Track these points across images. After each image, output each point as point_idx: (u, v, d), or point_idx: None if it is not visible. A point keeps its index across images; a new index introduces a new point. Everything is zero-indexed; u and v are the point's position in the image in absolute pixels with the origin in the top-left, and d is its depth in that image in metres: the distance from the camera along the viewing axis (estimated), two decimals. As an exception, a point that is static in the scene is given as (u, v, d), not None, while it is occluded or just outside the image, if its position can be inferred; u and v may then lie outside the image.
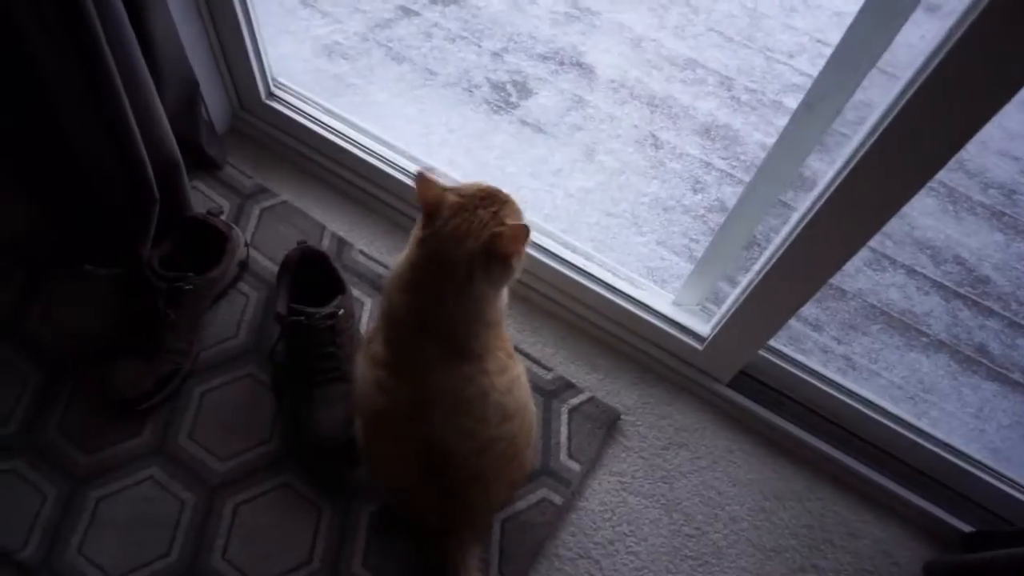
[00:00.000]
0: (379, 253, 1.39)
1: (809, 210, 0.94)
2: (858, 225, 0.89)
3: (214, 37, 1.35)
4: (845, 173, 0.85)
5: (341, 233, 1.40)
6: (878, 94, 0.85)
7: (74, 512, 1.11)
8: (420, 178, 0.87)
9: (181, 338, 1.19)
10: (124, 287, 1.26)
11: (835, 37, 0.86)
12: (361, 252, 1.38)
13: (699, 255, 1.61)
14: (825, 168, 1.64)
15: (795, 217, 0.99)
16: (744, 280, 1.15)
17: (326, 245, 1.38)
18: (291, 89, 1.48)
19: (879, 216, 0.87)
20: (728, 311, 1.18)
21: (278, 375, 1.22)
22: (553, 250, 1.37)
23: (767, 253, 1.07)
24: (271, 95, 1.45)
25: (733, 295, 1.19)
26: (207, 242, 1.26)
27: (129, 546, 1.09)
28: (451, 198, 0.88)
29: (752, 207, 1.11)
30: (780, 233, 1.04)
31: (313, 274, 1.23)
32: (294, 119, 1.43)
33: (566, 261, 1.36)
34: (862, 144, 0.82)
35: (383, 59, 1.84)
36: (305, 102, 1.47)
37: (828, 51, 0.87)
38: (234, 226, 1.29)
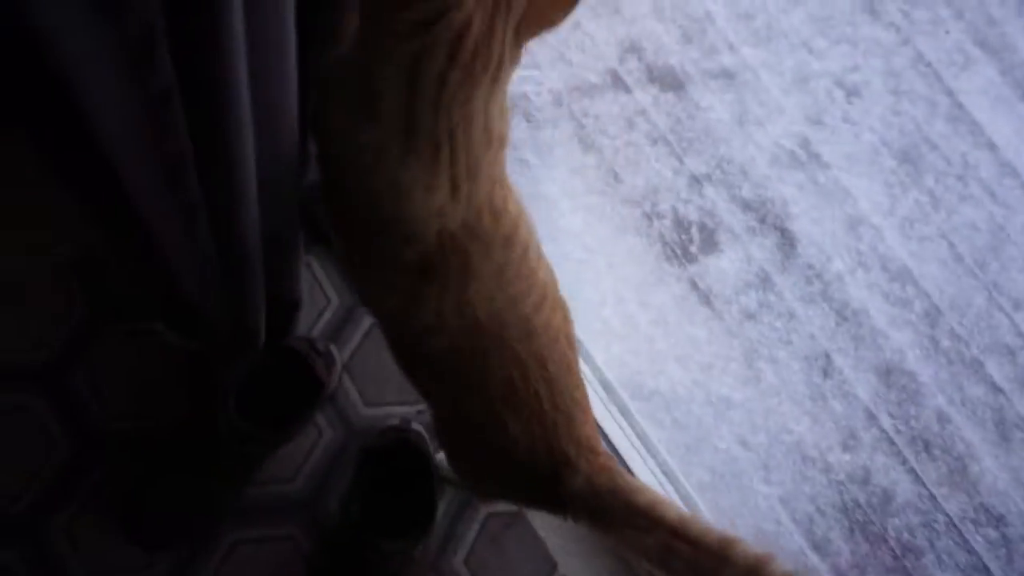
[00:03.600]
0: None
1: None
2: None
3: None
4: None
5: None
6: None
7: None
8: None
9: (232, 488, 1.01)
10: (198, 366, 1.07)
11: None
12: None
13: (819, 532, 1.38)
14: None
15: None
16: None
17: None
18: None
19: None
20: None
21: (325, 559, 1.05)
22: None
23: None
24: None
25: None
26: (298, 375, 1.04)
27: None
28: None
29: None
30: None
31: (401, 467, 1.03)
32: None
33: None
34: None
35: (570, 137, 1.53)
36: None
37: None
38: (335, 365, 1.07)
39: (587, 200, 1.50)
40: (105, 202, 0.64)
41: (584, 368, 1.22)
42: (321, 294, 1.18)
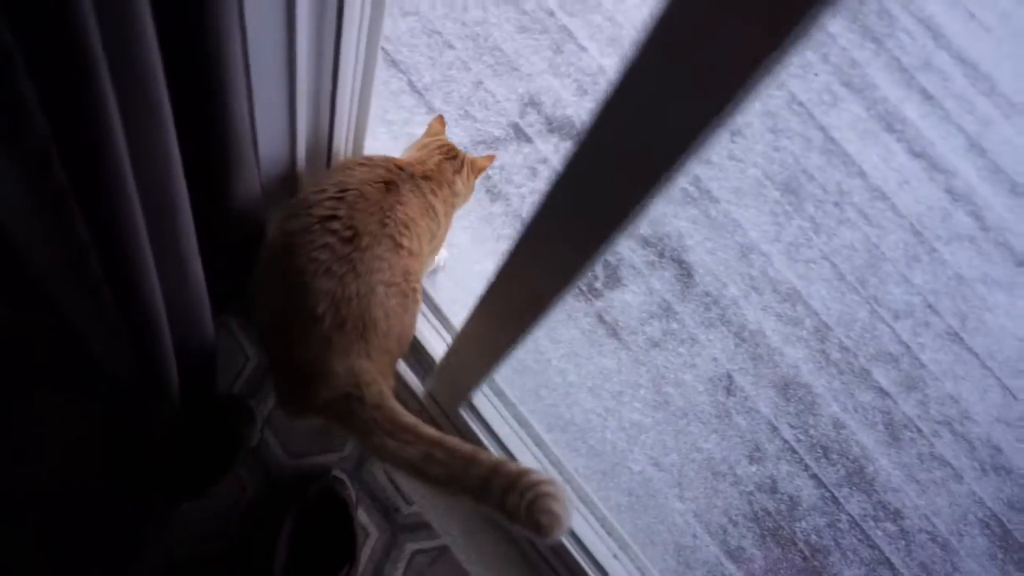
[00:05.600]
0: None
1: None
2: None
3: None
4: None
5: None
6: None
7: None
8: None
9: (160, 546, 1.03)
10: (116, 430, 1.09)
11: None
12: None
13: (733, 541, 1.47)
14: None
15: None
16: None
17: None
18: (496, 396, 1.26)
19: None
20: None
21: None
22: (583, 538, 1.22)
23: None
24: (470, 405, 1.21)
25: None
26: (218, 433, 1.08)
27: None
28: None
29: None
30: None
31: (323, 520, 1.07)
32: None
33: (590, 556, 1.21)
34: None
35: (477, 188, 1.63)
36: (503, 418, 1.24)
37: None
38: (255, 421, 1.11)
39: (497, 246, 1.59)
40: (14, 282, 0.69)
41: (498, 404, 1.30)
42: (240, 352, 1.23)
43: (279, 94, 0.92)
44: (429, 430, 0.84)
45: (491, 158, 1.24)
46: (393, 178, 0.98)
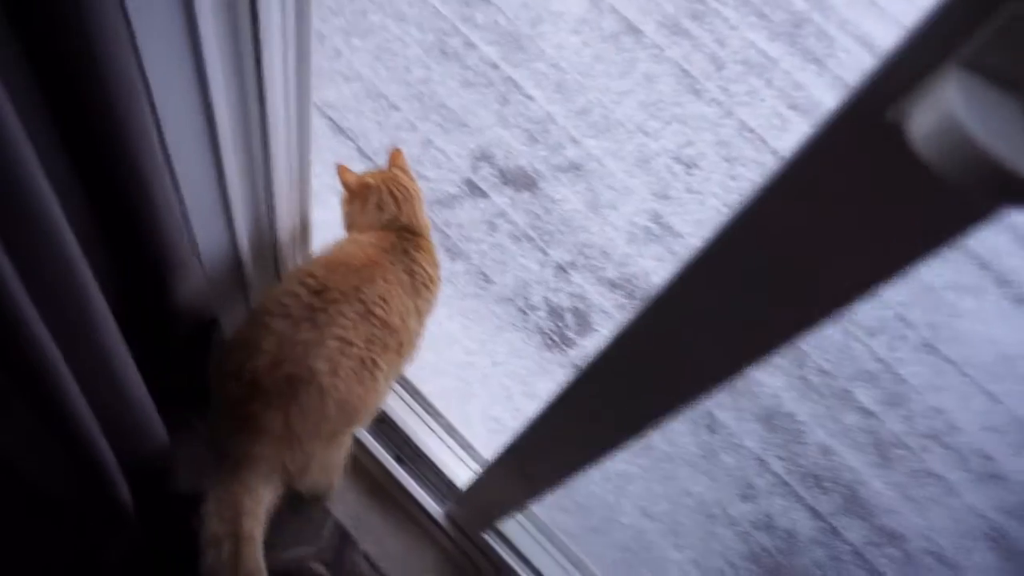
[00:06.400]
0: None
1: None
2: None
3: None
4: None
5: None
6: None
7: None
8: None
9: None
10: (78, 553, 1.02)
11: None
12: None
13: (735, 587, 1.42)
14: None
15: None
16: None
17: None
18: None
19: None
20: None
21: None
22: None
23: None
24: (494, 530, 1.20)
25: None
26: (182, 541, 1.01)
27: None
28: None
29: None
30: None
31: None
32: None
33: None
34: None
35: (436, 248, 1.60)
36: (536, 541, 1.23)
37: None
38: None
39: (462, 305, 1.56)
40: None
41: (478, 469, 1.25)
42: (204, 447, 1.17)
43: (208, 182, 0.89)
44: (252, 549, 0.83)
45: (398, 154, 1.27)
46: (378, 257, 1.01)
